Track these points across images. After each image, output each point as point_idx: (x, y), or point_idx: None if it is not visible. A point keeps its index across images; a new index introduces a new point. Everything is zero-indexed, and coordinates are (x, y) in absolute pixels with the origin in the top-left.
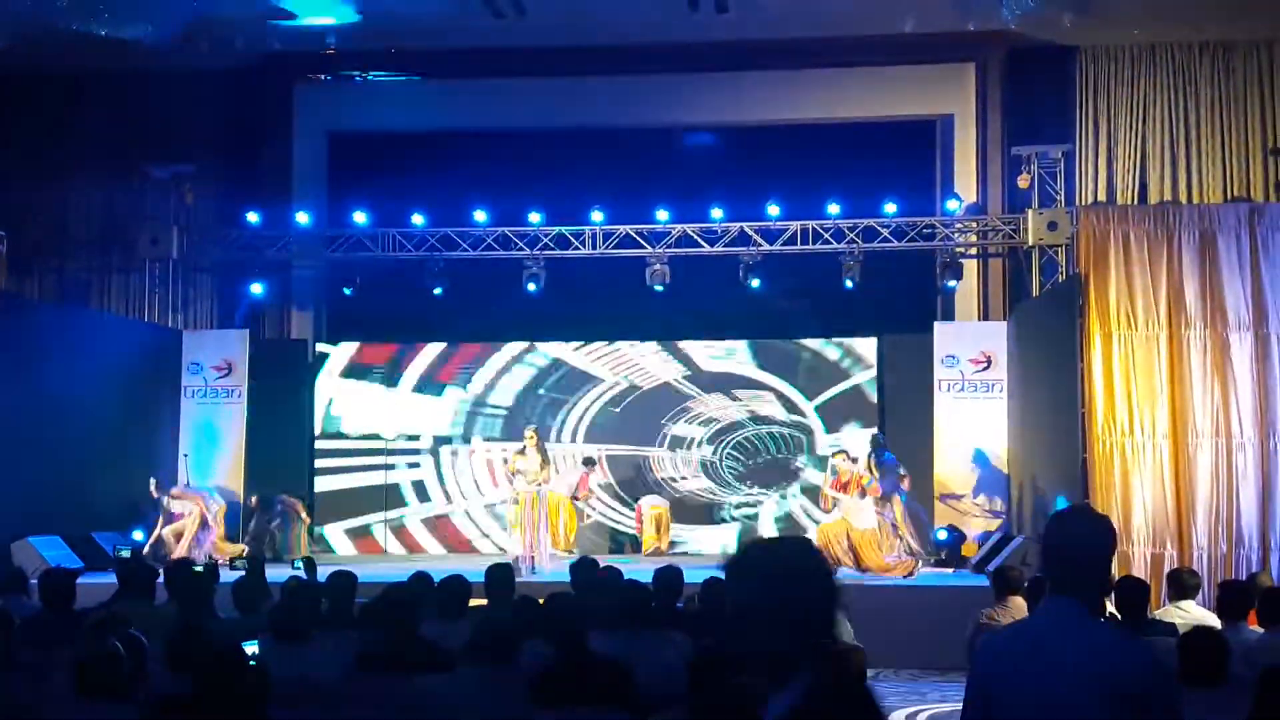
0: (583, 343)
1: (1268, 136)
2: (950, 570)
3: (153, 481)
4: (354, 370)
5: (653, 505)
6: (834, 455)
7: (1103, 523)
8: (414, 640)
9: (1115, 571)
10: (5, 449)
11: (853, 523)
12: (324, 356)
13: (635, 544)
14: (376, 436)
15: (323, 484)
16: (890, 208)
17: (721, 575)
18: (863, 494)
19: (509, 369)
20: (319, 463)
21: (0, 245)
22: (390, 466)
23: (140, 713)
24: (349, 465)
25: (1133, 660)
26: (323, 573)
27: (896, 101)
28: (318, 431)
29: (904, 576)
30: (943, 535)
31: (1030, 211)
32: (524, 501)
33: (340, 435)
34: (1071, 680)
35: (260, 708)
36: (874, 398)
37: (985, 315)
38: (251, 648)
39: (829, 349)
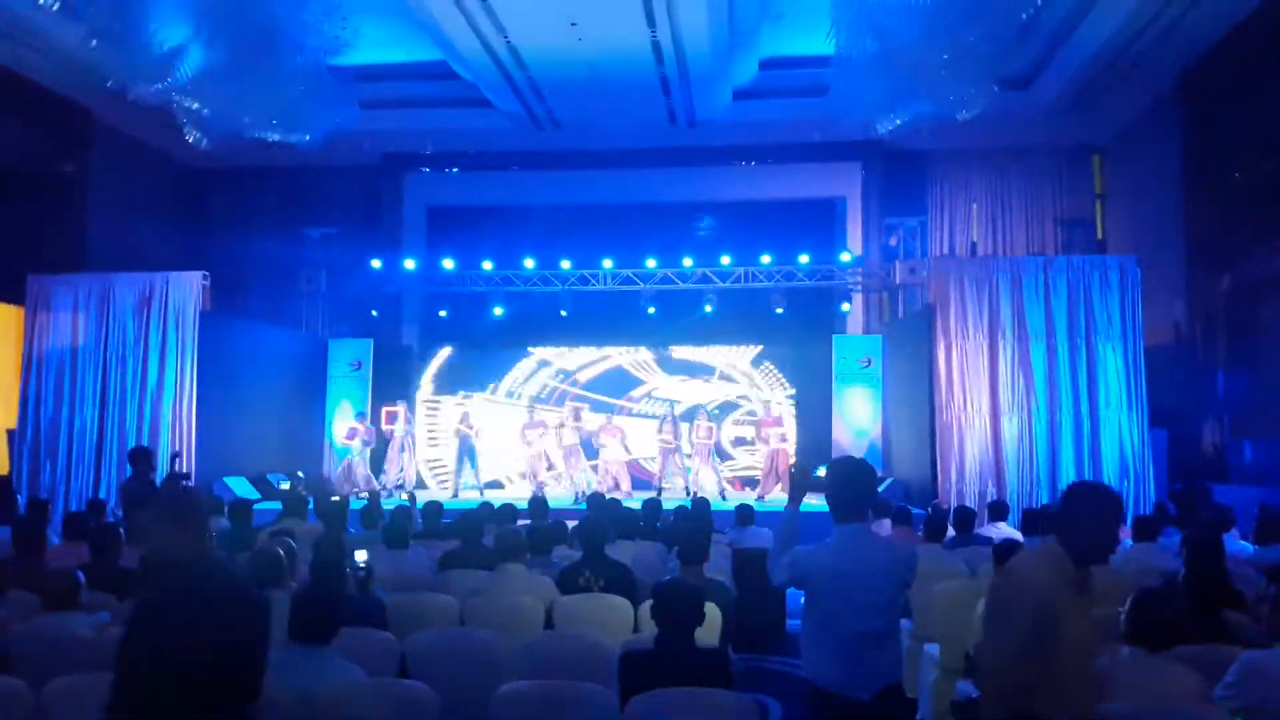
0: (597, 347)
1: (1056, 210)
2: None
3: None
4: (443, 367)
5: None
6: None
7: (865, 463)
8: (478, 546)
9: (954, 502)
10: (212, 418)
11: None
12: (426, 357)
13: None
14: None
15: (421, 446)
16: (804, 258)
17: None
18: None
19: (544, 366)
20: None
21: (206, 281)
22: (466, 435)
23: (293, 595)
24: (440, 432)
25: (901, 558)
26: (420, 501)
27: (808, 187)
28: (417, 410)
29: None
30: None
31: (898, 262)
32: (564, 452)
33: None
34: (870, 573)
35: (370, 591)
36: (791, 385)
37: (868, 330)
38: (363, 553)
39: (761, 352)
